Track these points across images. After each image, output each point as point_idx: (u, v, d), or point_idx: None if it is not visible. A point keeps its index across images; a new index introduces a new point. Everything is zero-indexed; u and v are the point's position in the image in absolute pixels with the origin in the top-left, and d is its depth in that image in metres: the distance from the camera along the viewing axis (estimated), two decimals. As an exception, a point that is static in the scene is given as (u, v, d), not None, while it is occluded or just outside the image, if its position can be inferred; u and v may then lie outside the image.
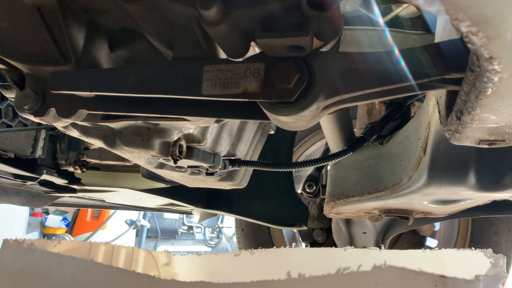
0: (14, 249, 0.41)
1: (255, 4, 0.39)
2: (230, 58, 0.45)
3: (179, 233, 7.56)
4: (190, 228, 7.75)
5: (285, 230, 2.16)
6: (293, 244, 0.75)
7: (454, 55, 0.37)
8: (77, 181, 1.56)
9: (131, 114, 0.54)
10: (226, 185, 0.90)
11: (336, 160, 0.85)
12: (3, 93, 0.68)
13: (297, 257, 0.67)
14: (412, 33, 0.84)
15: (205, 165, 0.75)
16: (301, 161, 0.84)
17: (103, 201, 1.79)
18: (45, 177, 1.43)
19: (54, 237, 0.51)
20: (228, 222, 7.81)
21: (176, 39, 0.49)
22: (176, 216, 7.24)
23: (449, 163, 0.70)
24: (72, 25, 0.51)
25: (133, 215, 5.41)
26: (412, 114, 1.07)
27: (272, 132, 0.93)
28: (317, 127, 1.92)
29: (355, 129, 1.16)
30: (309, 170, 1.78)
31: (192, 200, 1.51)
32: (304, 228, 1.49)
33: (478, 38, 0.26)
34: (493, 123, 0.38)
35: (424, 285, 0.33)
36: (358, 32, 0.82)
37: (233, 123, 0.77)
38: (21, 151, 1.32)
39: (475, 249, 0.50)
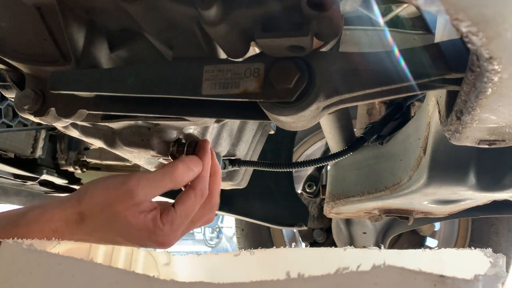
0: (13, 250, 0.41)
1: (255, 4, 0.39)
2: (230, 58, 0.45)
3: (179, 233, 7.55)
4: (192, 225, 7.74)
5: (285, 230, 2.16)
6: (293, 244, 0.75)
7: (454, 55, 0.37)
8: (77, 181, 1.56)
9: (131, 114, 0.54)
10: (226, 185, 0.90)
11: (336, 160, 0.85)
12: (3, 93, 0.68)
13: (297, 257, 0.67)
14: (412, 33, 0.84)
15: (205, 165, 0.75)
16: (301, 161, 0.84)
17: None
18: (45, 177, 1.43)
19: (53, 238, 0.51)
20: (228, 222, 7.81)
21: (176, 39, 0.49)
22: (176, 216, 7.23)
23: (449, 163, 0.70)
24: (72, 25, 0.51)
25: (133, 215, 5.40)
26: (412, 114, 1.07)
27: (272, 132, 0.93)
28: (317, 127, 1.92)
29: (355, 129, 1.16)
30: (309, 170, 1.79)
31: (192, 200, 1.51)
32: (304, 228, 1.49)
33: (478, 38, 0.26)
34: (493, 123, 0.38)
35: (424, 285, 0.33)
36: (358, 32, 0.82)
37: (233, 123, 0.77)
38: (21, 151, 1.32)
39: (475, 249, 0.50)
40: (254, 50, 0.47)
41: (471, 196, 0.81)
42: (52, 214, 0.53)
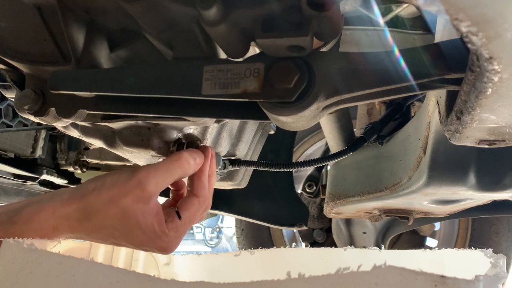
0: (14, 249, 0.41)
1: (255, 4, 0.39)
2: (230, 58, 0.45)
3: (179, 233, 7.55)
4: (190, 228, 7.76)
5: (285, 230, 2.16)
6: (293, 244, 0.75)
7: (454, 55, 0.37)
8: (77, 181, 1.56)
9: (131, 114, 0.54)
10: (226, 185, 0.90)
11: (336, 160, 0.85)
12: (3, 93, 0.68)
13: (297, 257, 0.67)
14: (412, 33, 0.84)
15: (205, 165, 0.75)
16: (301, 161, 0.84)
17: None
18: (45, 177, 1.43)
19: (53, 235, 0.50)
20: (228, 222, 7.81)
21: (176, 39, 0.49)
22: (176, 216, 7.24)
23: (449, 163, 0.70)
24: (72, 25, 0.51)
25: (133, 215, 5.40)
26: (412, 114, 1.07)
27: (272, 132, 0.93)
28: (317, 127, 1.92)
29: (355, 129, 1.16)
30: (309, 170, 1.79)
31: (192, 200, 1.51)
32: (304, 228, 1.49)
33: (478, 38, 0.26)
34: (493, 123, 0.38)
35: (424, 285, 0.33)
36: (358, 32, 0.82)
37: (233, 123, 0.77)
38: (21, 151, 1.32)
39: (475, 249, 0.50)
40: (254, 50, 0.47)
41: (471, 196, 0.81)
42: (53, 210, 0.50)
